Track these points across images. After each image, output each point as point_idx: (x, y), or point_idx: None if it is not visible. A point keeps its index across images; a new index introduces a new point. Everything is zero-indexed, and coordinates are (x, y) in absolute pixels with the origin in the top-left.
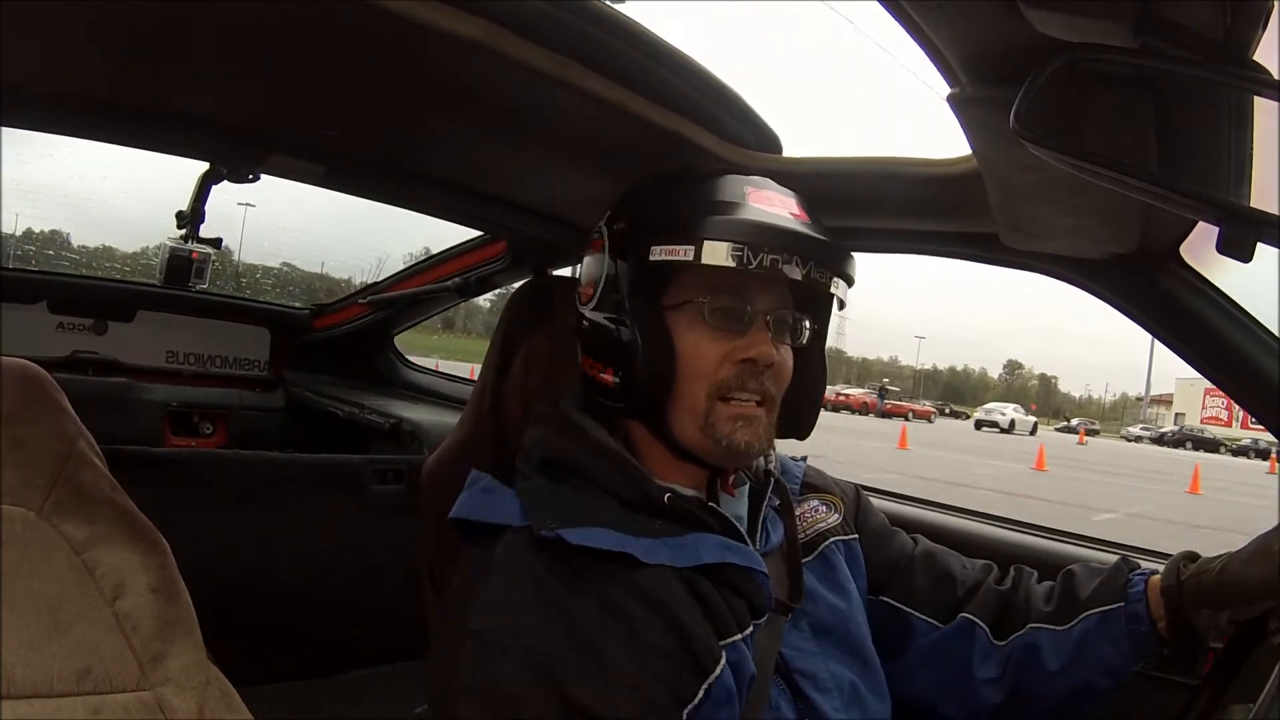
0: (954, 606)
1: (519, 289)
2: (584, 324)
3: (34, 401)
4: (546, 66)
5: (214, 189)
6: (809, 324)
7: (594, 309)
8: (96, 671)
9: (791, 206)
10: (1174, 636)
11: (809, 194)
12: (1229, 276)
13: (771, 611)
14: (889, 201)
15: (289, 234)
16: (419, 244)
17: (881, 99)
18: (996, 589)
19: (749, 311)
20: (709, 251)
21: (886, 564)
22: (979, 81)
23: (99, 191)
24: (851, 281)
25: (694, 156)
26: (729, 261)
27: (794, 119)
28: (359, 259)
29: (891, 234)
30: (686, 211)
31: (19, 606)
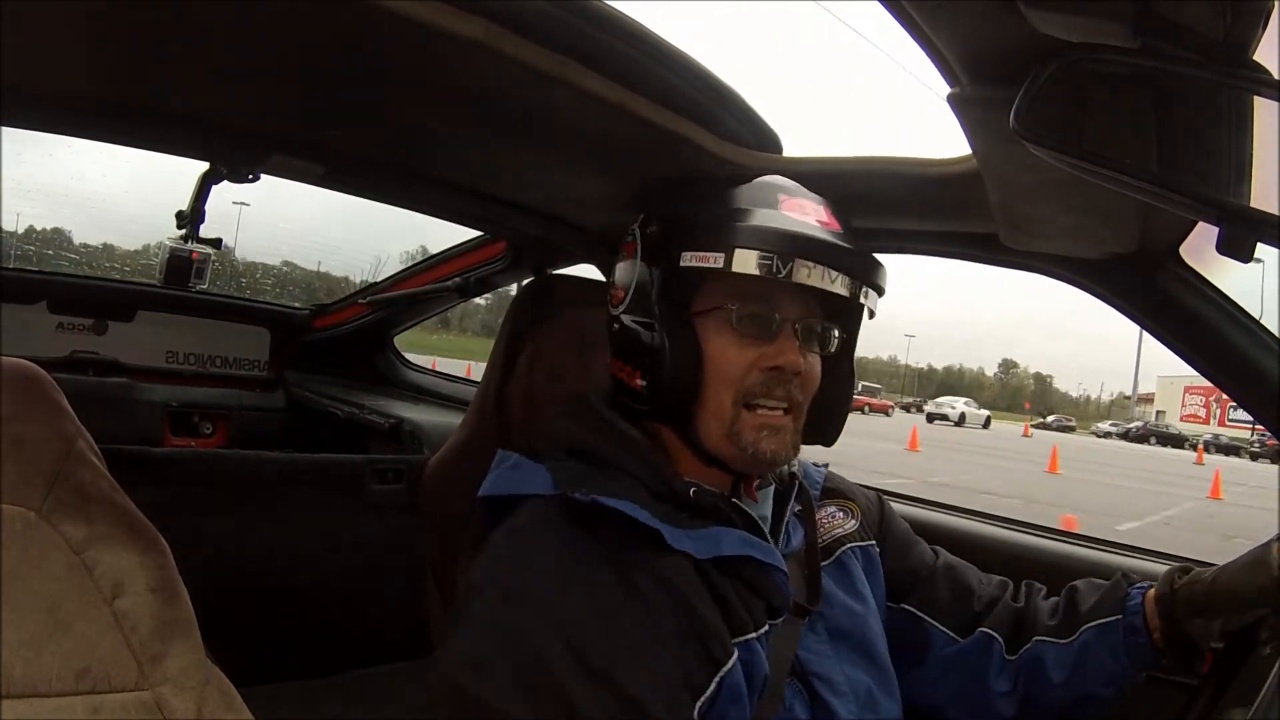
0: (972, 620)
1: (522, 289)
2: (614, 326)
3: (33, 401)
4: (546, 66)
5: (213, 188)
6: (837, 332)
7: (624, 312)
8: (95, 671)
9: (822, 214)
10: (1169, 645)
11: None
12: (1230, 277)
13: (789, 613)
14: (889, 201)
15: (289, 233)
16: (415, 243)
17: (881, 99)
18: (1012, 605)
19: (777, 319)
20: (739, 260)
21: (908, 573)
22: (979, 81)
23: (99, 191)
24: (882, 291)
25: (694, 156)
26: (757, 270)
27: (794, 119)
28: (358, 259)
29: (891, 234)
30: (717, 218)
31: (18, 606)
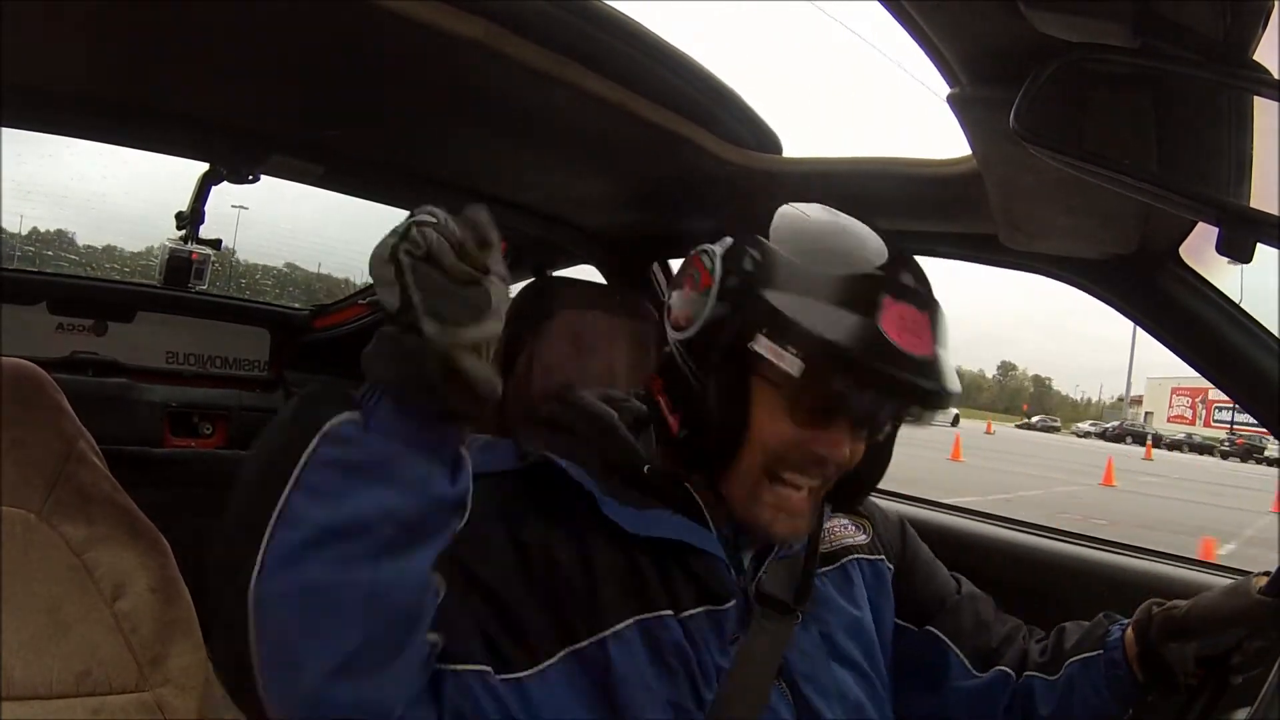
0: (989, 655)
1: (523, 289)
2: (667, 349)
3: (34, 402)
4: (546, 66)
5: (214, 190)
6: (891, 424)
7: (683, 342)
8: (96, 673)
9: (924, 333)
10: (1146, 672)
11: (808, 194)
12: (1228, 277)
13: (744, 603)
14: (888, 201)
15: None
16: None
17: (881, 99)
18: (1021, 645)
19: (838, 413)
20: (816, 373)
21: (933, 598)
22: (979, 81)
23: (100, 192)
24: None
25: (694, 156)
26: (836, 386)
27: (794, 119)
28: (358, 259)
29: (891, 234)
30: (806, 310)
31: (19, 608)
